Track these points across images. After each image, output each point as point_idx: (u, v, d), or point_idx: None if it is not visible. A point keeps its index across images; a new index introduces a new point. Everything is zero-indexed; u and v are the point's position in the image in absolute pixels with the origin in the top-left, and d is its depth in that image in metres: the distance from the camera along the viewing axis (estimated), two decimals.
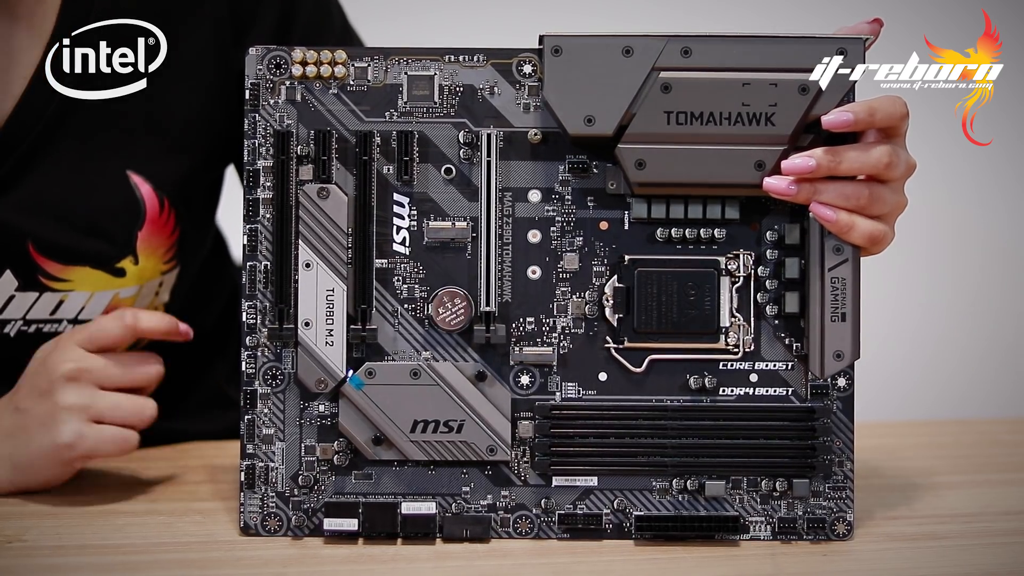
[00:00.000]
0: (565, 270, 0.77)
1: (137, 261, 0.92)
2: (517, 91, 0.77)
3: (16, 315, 0.89)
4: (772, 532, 0.77)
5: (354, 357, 0.77)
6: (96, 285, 0.91)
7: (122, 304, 0.92)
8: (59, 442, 0.80)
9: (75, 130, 0.89)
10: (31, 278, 0.89)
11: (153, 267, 0.93)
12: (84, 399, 0.80)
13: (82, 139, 0.89)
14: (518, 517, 0.77)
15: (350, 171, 0.77)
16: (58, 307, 0.90)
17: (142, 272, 0.93)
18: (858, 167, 0.74)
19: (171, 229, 0.93)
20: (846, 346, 0.75)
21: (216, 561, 0.74)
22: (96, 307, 0.91)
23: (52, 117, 0.88)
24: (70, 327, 0.91)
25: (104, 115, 0.89)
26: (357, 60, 0.77)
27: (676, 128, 0.74)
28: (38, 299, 0.89)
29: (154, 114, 0.91)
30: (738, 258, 0.77)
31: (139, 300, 0.93)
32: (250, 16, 0.94)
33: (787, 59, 0.74)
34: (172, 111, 0.92)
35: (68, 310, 0.90)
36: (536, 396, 0.77)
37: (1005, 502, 0.86)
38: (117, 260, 0.91)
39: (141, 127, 0.91)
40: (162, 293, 0.96)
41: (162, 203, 0.92)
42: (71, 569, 0.72)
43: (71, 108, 0.88)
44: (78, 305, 0.91)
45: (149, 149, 0.92)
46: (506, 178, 0.77)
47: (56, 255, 0.89)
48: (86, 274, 0.90)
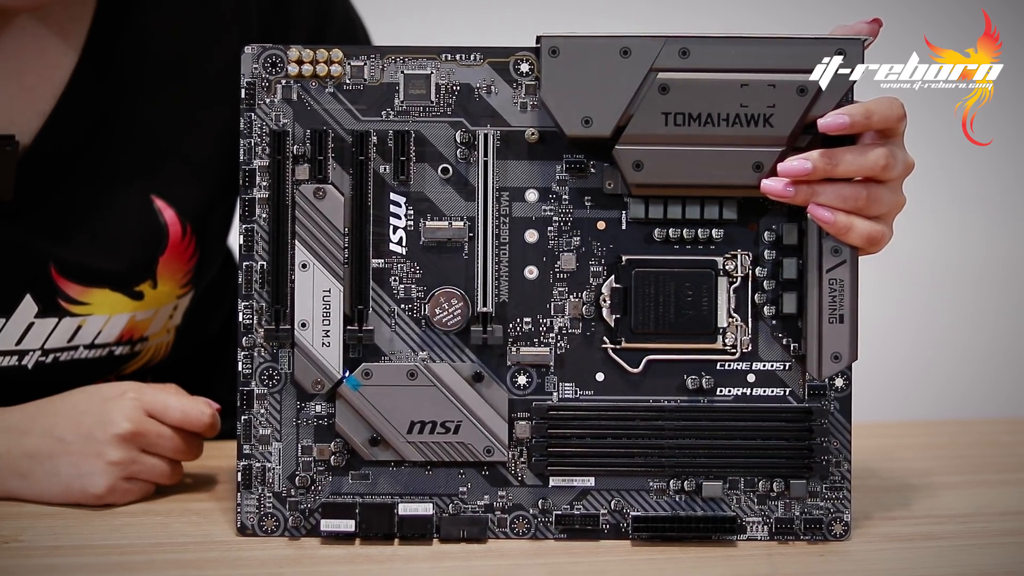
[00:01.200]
0: (562, 270, 0.77)
1: (156, 285, 0.92)
2: (514, 90, 0.77)
3: (35, 344, 0.88)
4: (769, 532, 0.77)
5: (351, 358, 0.77)
6: (114, 308, 0.90)
7: (138, 327, 0.92)
8: (89, 491, 0.80)
9: (102, 151, 0.88)
10: (51, 302, 0.88)
11: (170, 291, 0.93)
12: (128, 458, 0.81)
13: (108, 160, 0.89)
14: (515, 517, 0.77)
15: (346, 171, 0.77)
16: (76, 333, 0.90)
17: (159, 296, 0.92)
18: (855, 169, 0.73)
19: (190, 255, 0.93)
20: (844, 348, 0.75)
21: (213, 561, 0.74)
22: (112, 330, 0.91)
23: (80, 136, 0.87)
24: (87, 352, 0.90)
25: (130, 137, 0.89)
26: (353, 59, 0.77)
27: (674, 129, 0.74)
28: (57, 325, 0.89)
29: (179, 138, 0.91)
30: (736, 258, 0.77)
31: (154, 323, 0.93)
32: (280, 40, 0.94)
33: (785, 60, 0.74)
34: (196, 136, 0.92)
35: (85, 335, 0.90)
36: (533, 397, 0.77)
37: (1003, 502, 0.86)
38: (137, 283, 0.91)
39: (166, 150, 0.91)
40: (176, 316, 0.95)
41: (184, 229, 0.92)
42: (68, 569, 0.72)
43: (99, 128, 0.88)
44: (95, 329, 0.90)
45: (173, 174, 0.91)
46: (503, 178, 0.77)
47: (78, 276, 0.88)
48: (104, 296, 0.90)
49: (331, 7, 0.99)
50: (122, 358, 0.93)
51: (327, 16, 0.98)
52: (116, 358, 0.92)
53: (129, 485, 0.81)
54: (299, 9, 0.96)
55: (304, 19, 0.97)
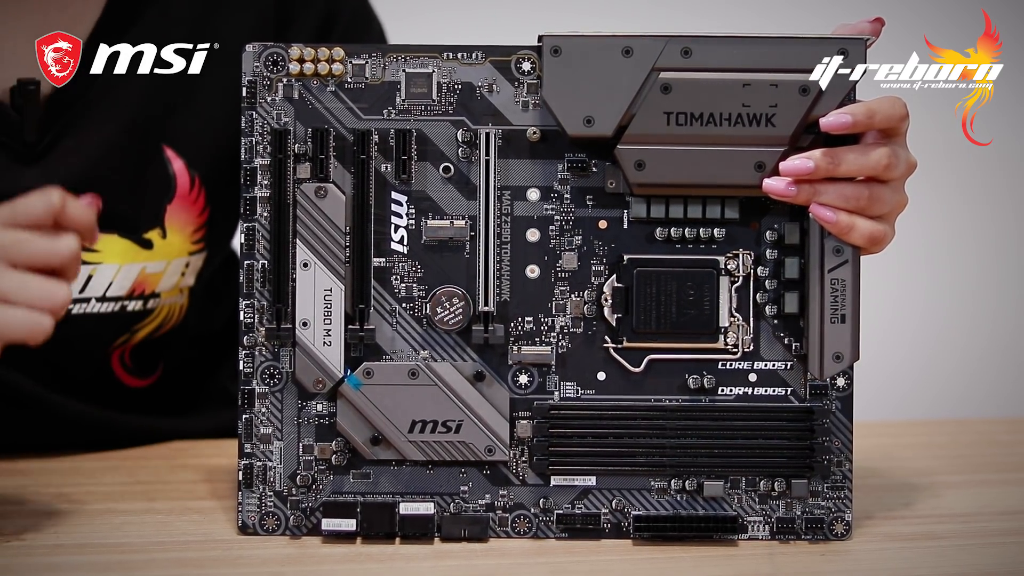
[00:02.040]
0: (564, 269, 0.77)
1: (165, 235, 0.93)
2: (516, 89, 0.77)
3: None
4: (770, 532, 0.77)
5: (352, 357, 0.77)
6: (124, 257, 0.91)
7: (149, 280, 0.93)
8: None
9: (117, 102, 0.90)
10: None
11: (181, 244, 0.94)
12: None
13: (126, 108, 0.91)
14: (516, 517, 0.77)
15: (348, 169, 0.77)
16: (87, 283, 0.91)
17: (169, 247, 0.94)
18: (857, 169, 0.73)
19: (200, 208, 0.95)
20: (845, 348, 0.75)
21: (214, 560, 0.73)
22: (124, 282, 0.92)
23: (97, 87, 0.89)
24: (99, 305, 0.91)
25: (147, 90, 0.91)
26: (355, 57, 0.77)
27: (676, 129, 0.74)
28: None
29: (191, 92, 0.93)
30: (737, 258, 0.77)
31: (165, 278, 0.94)
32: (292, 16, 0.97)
33: (787, 60, 0.74)
34: (208, 92, 0.93)
35: (97, 286, 0.91)
36: (535, 396, 0.77)
37: (1003, 502, 0.86)
38: (146, 230, 0.92)
39: (180, 103, 0.92)
40: (188, 275, 0.96)
41: (192, 180, 0.94)
42: (69, 568, 0.72)
43: (116, 81, 0.89)
44: (107, 279, 0.91)
45: (186, 126, 0.93)
46: (505, 177, 0.77)
47: None
48: (114, 243, 0.91)
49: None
50: (135, 315, 0.94)
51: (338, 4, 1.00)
52: (129, 314, 0.93)
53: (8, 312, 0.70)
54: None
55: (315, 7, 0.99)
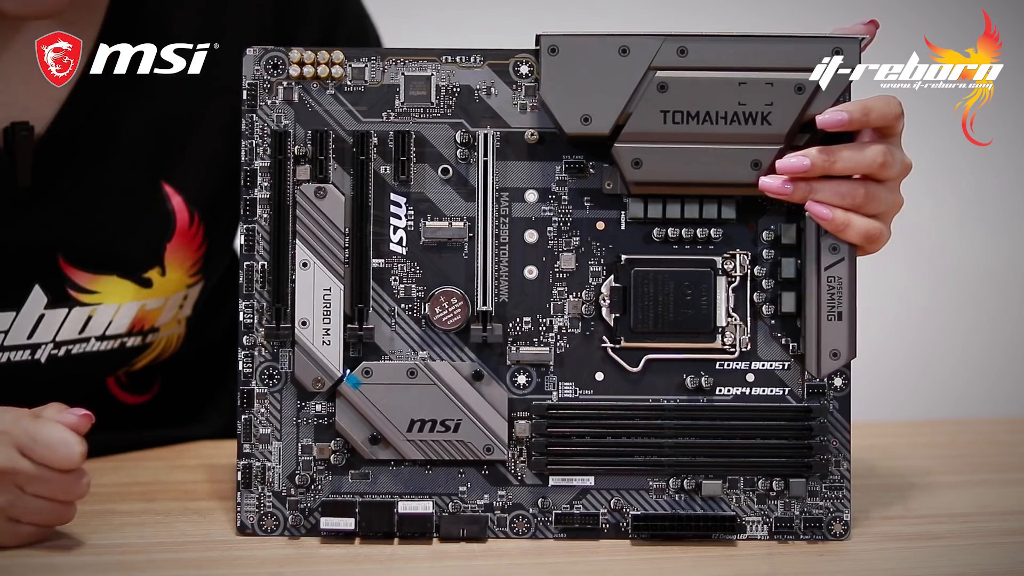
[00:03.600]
0: (562, 270, 0.77)
1: (164, 272, 0.92)
2: (514, 92, 0.77)
3: (46, 337, 0.88)
4: (769, 532, 0.77)
5: (351, 356, 0.77)
6: (124, 296, 0.90)
7: (148, 316, 0.92)
8: None
9: (114, 137, 0.89)
10: (60, 291, 0.88)
11: (179, 280, 0.93)
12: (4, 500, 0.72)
13: (119, 147, 0.89)
14: (515, 517, 0.78)
15: (347, 171, 0.77)
16: (87, 324, 0.89)
17: (168, 284, 0.92)
18: (852, 166, 0.74)
19: (199, 243, 0.93)
20: (842, 345, 0.75)
21: (213, 561, 0.74)
22: (123, 320, 0.91)
23: (96, 123, 0.88)
24: (98, 344, 0.90)
25: (142, 124, 0.89)
26: (354, 61, 0.77)
27: (672, 127, 0.74)
28: (68, 315, 0.88)
29: (189, 127, 0.91)
30: (734, 258, 0.77)
31: (164, 313, 0.93)
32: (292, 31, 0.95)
33: (783, 58, 0.74)
34: (206, 125, 0.92)
35: (96, 326, 0.90)
36: (533, 396, 0.77)
37: (1002, 502, 0.86)
38: (145, 270, 0.91)
39: (176, 138, 0.91)
40: (186, 307, 0.95)
41: (192, 216, 0.92)
42: (68, 569, 0.72)
43: (114, 114, 0.88)
44: (106, 319, 0.90)
45: (182, 161, 0.91)
46: (503, 178, 0.77)
47: (85, 264, 0.88)
48: (114, 284, 0.90)
49: (343, 6, 1.00)
50: (134, 350, 0.93)
51: (338, 16, 0.99)
52: (128, 350, 0.93)
53: (16, 528, 0.73)
54: (312, 6, 0.97)
55: (316, 17, 0.97)
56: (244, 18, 0.94)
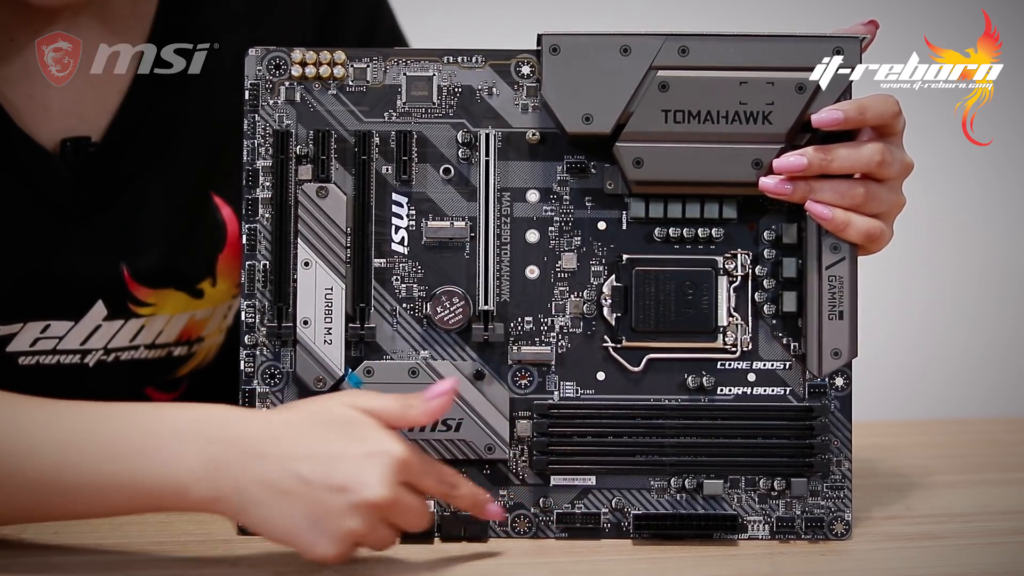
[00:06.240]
0: (563, 270, 0.78)
1: (215, 283, 0.91)
2: (515, 92, 0.77)
3: (98, 344, 0.88)
4: (770, 531, 0.78)
5: (352, 356, 0.77)
6: (176, 307, 0.90)
7: (197, 326, 0.92)
8: (314, 551, 0.69)
9: (167, 147, 0.88)
10: (121, 305, 0.88)
11: (227, 290, 0.92)
12: (368, 529, 0.69)
13: (174, 156, 0.88)
14: (516, 516, 0.78)
15: (349, 171, 0.77)
16: (139, 333, 0.89)
17: (217, 295, 0.92)
18: (850, 165, 0.74)
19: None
20: (843, 344, 0.75)
21: (214, 561, 0.74)
22: (173, 330, 0.90)
23: (147, 131, 0.87)
24: (147, 352, 0.90)
25: (191, 133, 0.89)
26: (356, 61, 0.77)
27: (674, 126, 0.74)
28: (122, 327, 0.88)
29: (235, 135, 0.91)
30: (736, 257, 0.77)
31: (211, 323, 0.93)
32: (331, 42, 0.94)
33: (784, 58, 0.74)
34: None
35: (147, 335, 0.89)
36: (534, 395, 0.77)
37: (1003, 501, 0.86)
38: (199, 282, 0.91)
39: (223, 147, 0.89)
40: (229, 316, 0.95)
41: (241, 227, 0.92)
42: (69, 568, 0.72)
43: (165, 123, 0.87)
44: (157, 329, 0.90)
45: (230, 170, 0.90)
46: (504, 178, 0.77)
47: (147, 280, 0.88)
48: (170, 296, 0.89)
49: (380, 15, 0.99)
50: (179, 359, 0.93)
51: (375, 24, 0.99)
52: (174, 359, 0.92)
53: (352, 551, 0.70)
54: (352, 14, 0.97)
55: (356, 25, 0.97)
56: (287, 26, 0.93)
